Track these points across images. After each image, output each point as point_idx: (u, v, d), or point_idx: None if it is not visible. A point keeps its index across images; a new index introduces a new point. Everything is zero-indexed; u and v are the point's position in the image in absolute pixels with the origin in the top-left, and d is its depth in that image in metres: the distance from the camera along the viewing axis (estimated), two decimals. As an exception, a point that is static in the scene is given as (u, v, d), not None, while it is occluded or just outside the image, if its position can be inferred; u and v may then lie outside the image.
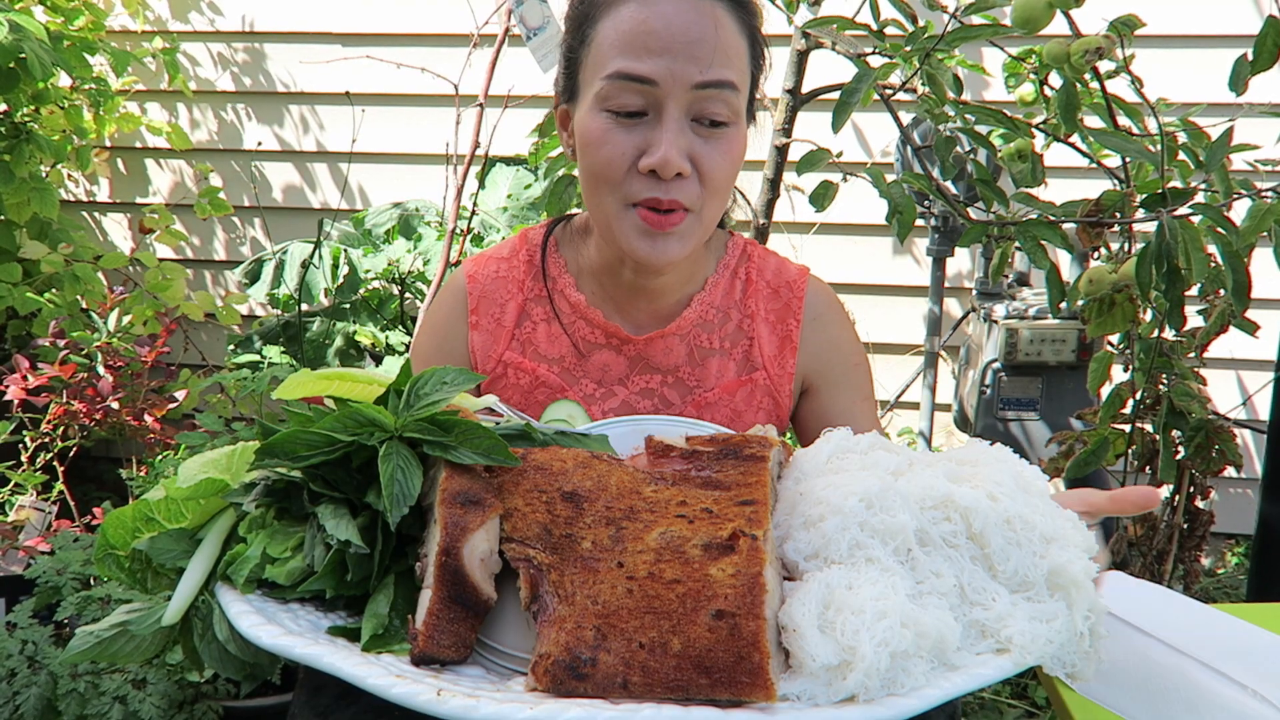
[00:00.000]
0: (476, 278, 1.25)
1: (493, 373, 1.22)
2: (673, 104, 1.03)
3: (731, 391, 1.21)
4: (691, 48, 1.02)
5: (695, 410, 1.21)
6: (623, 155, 1.04)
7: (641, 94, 1.03)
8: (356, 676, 0.69)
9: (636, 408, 1.21)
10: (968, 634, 0.75)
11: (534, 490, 0.82)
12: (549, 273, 1.23)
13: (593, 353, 1.22)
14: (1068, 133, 1.65)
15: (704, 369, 1.21)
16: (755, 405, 1.22)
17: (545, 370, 1.21)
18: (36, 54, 2.41)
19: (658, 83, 1.02)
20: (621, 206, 1.07)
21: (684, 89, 1.02)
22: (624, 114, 1.04)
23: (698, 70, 1.02)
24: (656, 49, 1.01)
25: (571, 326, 1.22)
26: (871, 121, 2.95)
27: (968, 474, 0.86)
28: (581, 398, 1.21)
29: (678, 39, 1.01)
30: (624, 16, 1.04)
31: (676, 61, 1.01)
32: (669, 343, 1.21)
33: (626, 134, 1.04)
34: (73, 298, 2.85)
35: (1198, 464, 1.81)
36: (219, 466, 0.87)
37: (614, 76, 1.03)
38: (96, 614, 1.73)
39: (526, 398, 1.21)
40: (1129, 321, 1.72)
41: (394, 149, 3.17)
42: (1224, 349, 2.16)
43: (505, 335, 1.22)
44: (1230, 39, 2.72)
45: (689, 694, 0.68)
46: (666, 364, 1.22)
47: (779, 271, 1.26)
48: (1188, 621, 1.10)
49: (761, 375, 1.22)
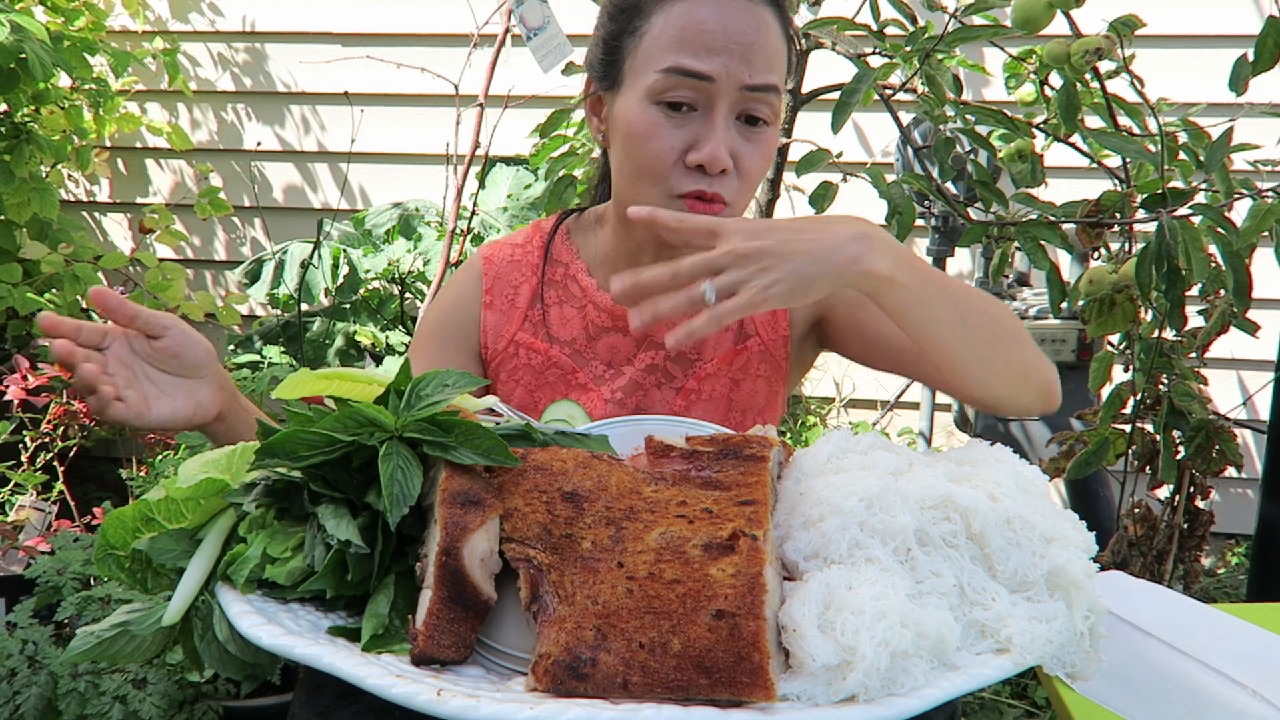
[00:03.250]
0: (493, 259, 1.29)
1: (504, 352, 1.27)
2: (723, 102, 1.06)
3: (729, 361, 1.26)
4: (745, 50, 1.06)
5: (696, 382, 1.25)
6: (671, 149, 1.07)
7: (695, 89, 1.06)
8: (356, 676, 0.69)
9: (642, 384, 1.25)
10: (968, 634, 0.75)
11: (534, 490, 0.82)
12: (560, 259, 1.28)
13: (601, 335, 1.26)
14: (1068, 133, 1.66)
15: (703, 342, 1.26)
16: (753, 373, 1.27)
17: (557, 352, 1.26)
18: (37, 54, 2.41)
19: (715, 80, 1.05)
20: (665, 198, 1.09)
21: (735, 89, 1.06)
22: (674, 108, 1.07)
23: (749, 73, 1.06)
24: (715, 48, 1.05)
25: (582, 309, 1.26)
26: (871, 122, 2.95)
27: (968, 474, 0.86)
28: (591, 379, 1.25)
29: (734, 40, 1.05)
30: (680, 12, 1.07)
31: (731, 61, 1.05)
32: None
33: (675, 129, 1.07)
34: (73, 298, 2.85)
35: (1198, 464, 1.81)
36: (219, 466, 0.87)
37: (671, 71, 1.06)
38: (97, 614, 1.73)
39: (538, 378, 1.26)
40: (1129, 321, 1.72)
41: (394, 149, 3.17)
42: (1224, 349, 2.15)
43: (518, 316, 1.27)
44: (1230, 39, 2.72)
45: (689, 694, 0.68)
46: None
47: None
48: (1188, 621, 1.10)
49: (755, 341, 1.27)
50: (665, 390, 1.25)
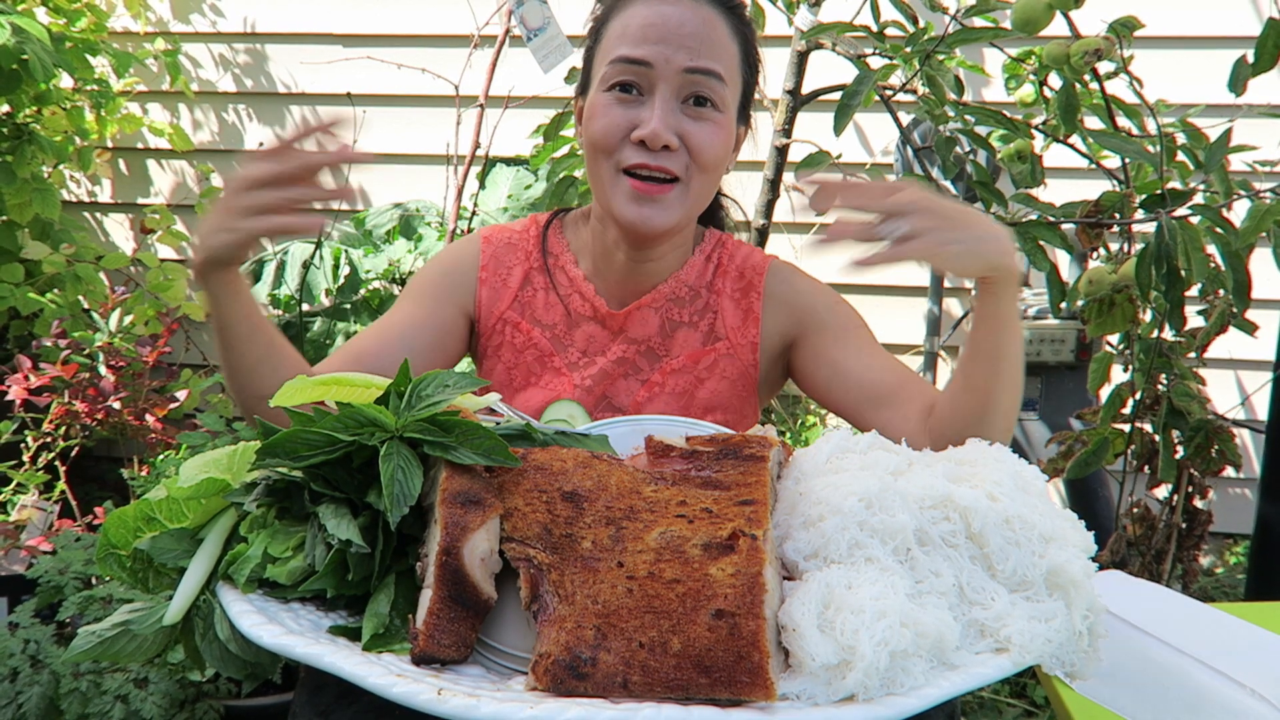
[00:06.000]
0: (491, 239, 1.37)
1: (492, 328, 1.33)
2: (664, 85, 1.17)
3: (695, 359, 1.31)
4: (684, 39, 1.17)
5: (661, 376, 1.31)
6: (617, 126, 1.18)
7: (637, 74, 1.18)
8: (357, 676, 0.69)
9: (611, 374, 1.31)
10: (967, 633, 0.75)
11: (534, 490, 0.82)
12: (552, 250, 1.36)
13: (581, 324, 1.33)
14: (1067, 134, 1.66)
15: (672, 339, 1.32)
16: (718, 373, 1.31)
17: (539, 334, 1.33)
18: (39, 55, 2.42)
19: (652, 64, 1.17)
20: (614, 173, 1.20)
21: (675, 72, 1.17)
22: (622, 91, 1.18)
23: (688, 57, 1.17)
24: (653, 38, 1.17)
25: (567, 298, 1.33)
26: (872, 122, 2.96)
27: (967, 474, 0.86)
28: (565, 364, 1.31)
29: (673, 31, 1.17)
30: (630, 14, 1.20)
31: (669, 48, 1.17)
32: (644, 314, 1.32)
33: (623, 109, 1.18)
34: (74, 298, 2.85)
35: (1197, 464, 1.81)
36: (220, 466, 0.88)
37: (616, 60, 1.18)
38: (98, 613, 1.73)
39: (517, 356, 1.32)
40: (1129, 322, 1.73)
41: (395, 149, 3.17)
42: (1223, 349, 2.16)
43: (509, 295, 1.34)
44: (1229, 40, 2.72)
45: (689, 693, 0.69)
46: (641, 334, 1.32)
47: (747, 258, 1.37)
48: (1186, 621, 1.11)
49: (724, 345, 1.32)
50: (631, 381, 1.31)
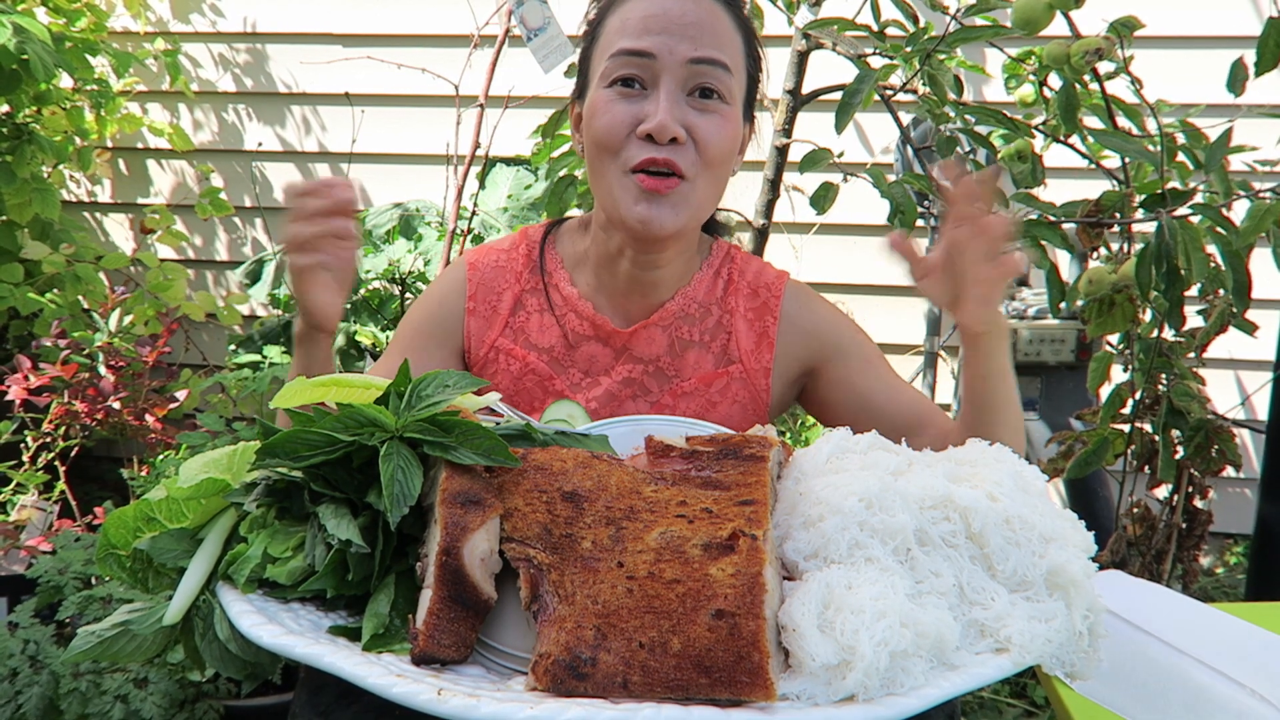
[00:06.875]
0: (477, 265, 1.30)
1: (485, 358, 1.28)
2: (669, 76, 1.12)
3: (707, 382, 1.26)
4: (686, 29, 1.12)
5: (671, 399, 1.26)
6: (622, 122, 1.13)
7: (640, 67, 1.13)
8: (357, 676, 0.69)
9: (618, 395, 1.25)
10: (967, 633, 0.75)
11: (534, 490, 0.82)
12: (545, 268, 1.29)
13: (581, 344, 1.26)
14: (1067, 133, 1.66)
15: (683, 360, 1.27)
16: (730, 397, 1.26)
17: (535, 359, 1.26)
18: (39, 55, 2.42)
19: (655, 55, 1.12)
20: (621, 173, 1.14)
21: (679, 63, 1.12)
22: (624, 85, 1.14)
23: (691, 47, 1.12)
24: (655, 29, 1.13)
25: (563, 318, 1.27)
26: (872, 121, 2.95)
27: (967, 474, 0.86)
28: (568, 386, 1.26)
29: (675, 21, 1.13)
30: (628, 8, 1.16)
31: (672, 39, 1.12)
32: (651, 333, 1.26)
33: (627, 104, 1.13)
34: (74, 298, 2.85)
35: (1197, 464, 1.81)
36: (220, 466, 0.88)
37: (617, 54, 1.13)
38: (98, 613, 1.73)
39: (515, 383, 1.26)
40: (1129, 321, 1.72)
41: (395, 149, 3.17)
42: (1223, 349, 2.16)
43: (500, 322, 1.28)
44: (1229, 40, 2.72)
45: (689, 693, 0.68)
46: (648, 354, 1.26)
47: (759, 274, 1.31)
48: (1187, 621, 1.11)
49: (738, 368, 1.27)
50: (640, 403, 1.25)
